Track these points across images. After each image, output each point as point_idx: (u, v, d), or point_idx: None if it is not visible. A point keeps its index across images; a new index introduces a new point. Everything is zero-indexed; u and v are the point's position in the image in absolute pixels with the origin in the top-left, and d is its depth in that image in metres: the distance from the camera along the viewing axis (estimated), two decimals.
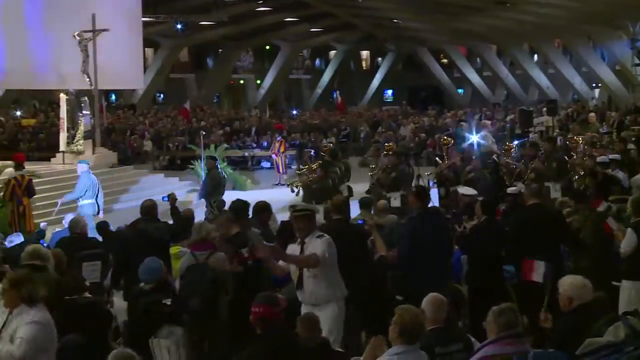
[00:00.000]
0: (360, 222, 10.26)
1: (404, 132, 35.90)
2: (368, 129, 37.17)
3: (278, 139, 28.34)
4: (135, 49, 28.90)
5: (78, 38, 24.32)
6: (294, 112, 47.73)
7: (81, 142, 24.13)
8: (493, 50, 52.42)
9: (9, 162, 19.60)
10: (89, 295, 8.79)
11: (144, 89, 44.79)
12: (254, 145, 34.01)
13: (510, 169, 16.15)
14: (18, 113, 39.45)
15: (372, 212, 12.77)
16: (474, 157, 16.49)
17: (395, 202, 15.22)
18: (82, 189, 17.00)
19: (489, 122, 27.18)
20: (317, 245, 8.13)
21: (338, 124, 38.86)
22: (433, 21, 45.31)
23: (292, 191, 16.86)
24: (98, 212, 17.15)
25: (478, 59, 56.80)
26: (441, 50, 55.65)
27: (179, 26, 43.82)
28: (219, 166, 17.12)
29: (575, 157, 16.57)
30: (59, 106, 26.24)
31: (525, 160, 16.10)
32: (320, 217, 10.46)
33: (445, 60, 57.38)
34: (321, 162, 17.25)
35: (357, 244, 9.26)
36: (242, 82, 58.05)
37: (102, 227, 12.90)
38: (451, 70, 56.59)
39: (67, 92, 24.57)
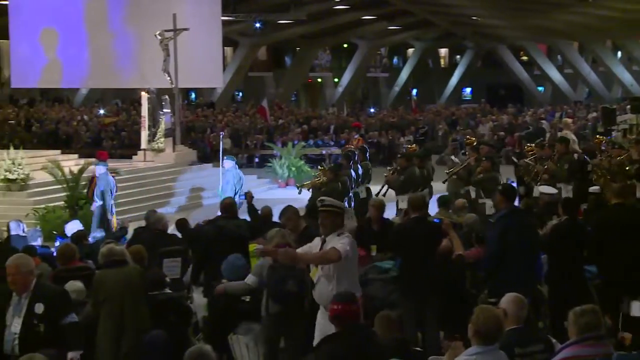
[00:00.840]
0: (436, 220, 10.18)
1: (482, 130, 35.53)
2: (446, 127, 36.89)
3: (355, 137, 28.33)
4: (214, 48, 29.22)
5: (159, 37, 24.67)
6: (372, 110, 47.64)
7: (162, 140, 24.48)
8: (574, 47, 51.50)
9: (92, 160, 20.01)
10: (170, 291, 8.93)
11: (223, 87, 45.21)
12: (332, 143, 34.06)
13: (528, 169, 16.03)
14: (101, 111, 40.22)
15: (450, 210, 12.69)
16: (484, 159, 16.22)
17: (403, 205, 14.94)
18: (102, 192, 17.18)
19: (570, 121, 26.69)
20: (337, 242, 7.73)
21: (416, 122, 38.66)
22: (513, 18, 44.73)
23: (299, 192, 16.96)
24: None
25: (559, 56, 55.87)
26: (521, 48, 54.90)
27: (257, 25, 44.10)
28: (236, 166, 17.18)
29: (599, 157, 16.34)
30: (140, 104, 26.68)
31: (541, 160, 15.97)
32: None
33: (525, 58, 56.59)
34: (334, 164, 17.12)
35: (432, 243, 9.18)
36: (319, 80, 58.16)
37: (181, 224, 13.05)
38: (531, 67, 55.78)
39: (148, 91, 24.95)
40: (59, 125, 35.66)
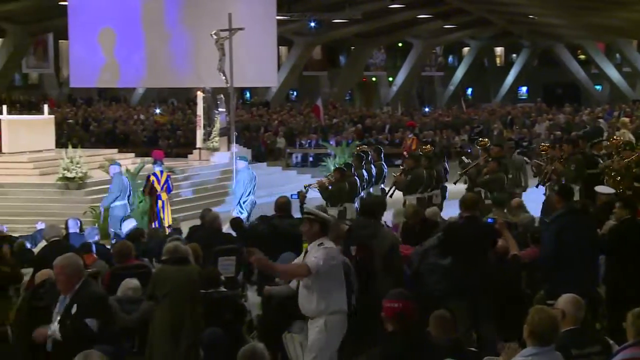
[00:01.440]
0: (490, 220, 10.09)
1: (538, 129, 35.18)
2: (501, 127, 36.58)
3: (410, 136, 28.22)
4: (269, 47, 29.33)
5: (215, 37, 24.81)
6: (426, 109, 47.42)
7: (217, 139, 24.64)
8: (633, 45, 50.69)
9: (148, 159, 20.23)
10: (224, 290, 8.99)
11: (278, 86, 45.37)
12: (386, 142, 33.99)
13: (540, 169, 16.01)
14: (157, 111, 40.65)
15: (505, 210, 12.58)
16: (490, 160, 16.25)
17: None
18: (116, 191, 17.27)
19: (627, 120, 26.25)
20: (312, 254, 7.59)
21: (470, 122, 38.40)
22: (571, 16, 44.17)
23: (306, 192, 16.94)
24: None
25: (617, 55, 55.05)
26: (578, 46, 54.21)
27: (312, 24, 44.17)
28: (248, 166, 17.14)
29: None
30: (196, 104, 26.89)
31: (553, 160, 15.95)
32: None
33: (582, 56, 55.87)
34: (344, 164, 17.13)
35: (484, 242, 9.11)
36: (374, 79, 58.08)
37: (236, 222, 13.13)
38: (589, 66, 55.05)
39: (203, 90, 25.14)
40: (116, 125, 36.12)
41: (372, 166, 16.86)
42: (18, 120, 25.18)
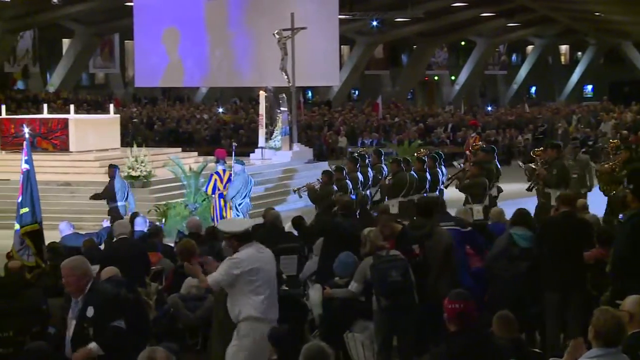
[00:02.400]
0: None
1: (604, 128, 34.62)
2: (566, 125, 36.09)
3: (472, 135, 27.98)
4: (331, 47, 29.39)
5: (277, 36, 24.93)
6: (489, 108, 47.01)
7: (279, 138, 24.74)
8: None
9: (211, 157, 20.39)
10: (286, 288, 9.03)
11: (339, 85, 45.42)
12: (448, 141, 33.77)
13: (533, 173, 15.86)
14: (220, 110, 40.96)
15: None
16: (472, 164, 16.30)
17: (394, 209, 15.33)
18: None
19: None
20: (221, 266, 7.68)
21: (534, 120, 37.96)
22: (638, 13, 43.37)
23: (300, 197, 16.89)
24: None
25: None
26: None
27: (374, 23, 44.10)
28: (244, 170, 17.14)
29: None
30: (258, 103, 27.03)
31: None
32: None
33: None
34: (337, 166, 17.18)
35: (578, 238, 9.18)
36: (436, 78, 57.78)
37: (297, 221, 13.16)
38: None
39: (266, 89, 25.25)
40: (180, 124, 36.49)
41: (369, 169, 16.91)
42: (85, 119, 25.60)
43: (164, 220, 17.90)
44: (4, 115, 23.42)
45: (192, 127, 35.79)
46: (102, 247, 12.44)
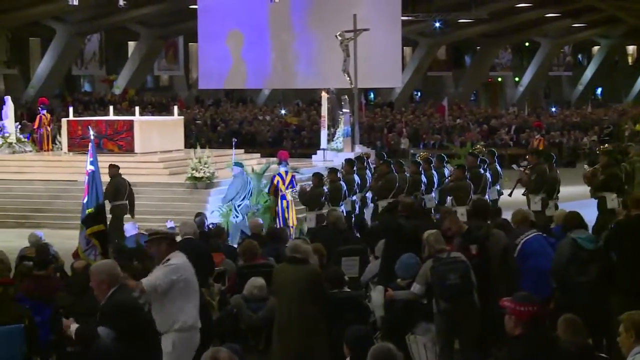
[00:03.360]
0: None
1: None
2: (633, 127, 35.47)
3: (537, 137, 27.68)
4: (394, 48, 29.33)
5: (339, 38, 24.95)
6: (554, 109, 46.45)
7: (341, 139, 24.75)
8: None
9: (274, 159, 20.49)
10: (348, 290, 9.02)
11: (402, 87, 45.29)
12: (511, 143, 33.44)
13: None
14: (282, 111, 41.14)
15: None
16: (455, 167, 16.66)
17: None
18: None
19: None
20: (154, 271, 7.50)
21: (600, 122, 37.38)
22: None
23: (292, 198, 16.94)
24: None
25: None
26: None
27: (437, 24, 43.88)
28: (244, 172, 17.02)
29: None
30: (320, 105, 27.09)
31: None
32: None
33: None
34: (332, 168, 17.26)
35: None
36: (499, 79, 57.25)
37: (359, 222, 13.16)
38: None
39: (328, 91, 25.29)
40: (242, 125, 36.75)
41: (367, 172, 16.94)
42: (149, 121, 25.92)
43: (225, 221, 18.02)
44: (71, 117, 23.84)
45: (254, 129, 36.02)
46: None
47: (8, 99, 24.64)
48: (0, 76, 42.95)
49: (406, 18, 36.05)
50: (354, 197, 16.74)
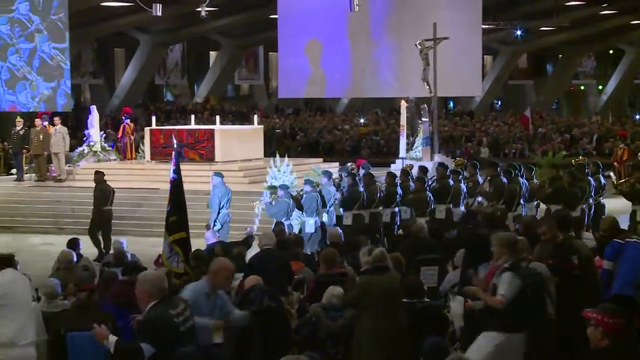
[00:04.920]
0: None
1: None
2: None
3: (621, 146, 27.14)
4: (474, 57, 29.10)
5: (419, 47, 24.87)
6: (638, 117, 45.50)
7: (420, 148, 24.65)
8: None
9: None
10: (427, 300, 8.97)
11: (482, 96, 44.91)
12: (594, 152, 32.83)
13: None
14: (361, 120, 41.16)
15: None
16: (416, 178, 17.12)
17: (347, 221, 16.24)
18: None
19: None
20: None
21: None
22: None
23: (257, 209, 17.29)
24: None
25: None
26: None
27: (518, 32, 43.41)
28: (223, 181, 16.83)
29: None
30: (399, 113, 27.02)
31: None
32: None
33: None
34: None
35: None
36: (582, 87, 56.33)
37: (439, 232, 13.07)
38: None
39: (407, 100, 25.22)
40: (321, 134, 36.88)
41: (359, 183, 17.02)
42: (230, 130, 26.21)
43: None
44: (153, 126, 24.27)
45: (333, 138, 36.11)
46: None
47: (93, 109, 25.21)
48: (86, 86, 44.02)
49: (487, 26, 35.76)
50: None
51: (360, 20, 28.77)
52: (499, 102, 55.25)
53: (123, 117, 25.41)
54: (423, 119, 24.66)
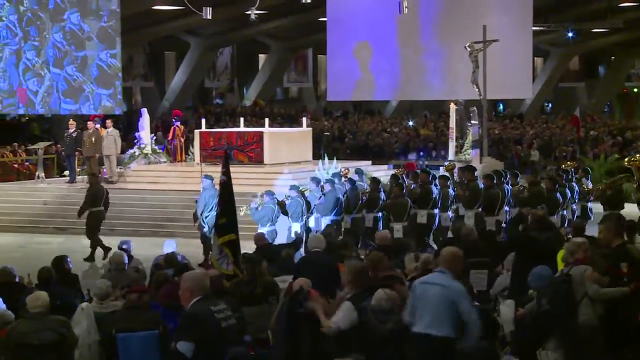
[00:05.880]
0: None
1: None
2: None
3: None
4: (524, 59, 28.90)
5: (469, 49, 24.77)
6: None
7: (469, 151, 24.53)
8: None
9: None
10: (477, 303, 8.92)
11: (532, 98, 44.52)
12: None
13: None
14: (410, 123, 41.04)
15: None
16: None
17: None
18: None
19: None
20: None
21: None
22: None
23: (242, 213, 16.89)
24: None
25: None
26: None
27: (570, 34, 42.95)
28: (212, 183, 16.66)
29: None
30: (448, 116, 26.93)
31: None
32: None
33: None
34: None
35: None
36: (635, 90, 55.56)
37: (489, 235, 13.00)
38: None
39: (456, 102, 25.12)
40: (370, 137, 36.83)
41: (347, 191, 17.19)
42: (279, 132, 26.30)
43: None
44: (203, 129, 24.45)
45: (382, 140, 36.04)
46: None
47: (144, 111, 25.48)
48: (137, 89, 44.48)
49: (537, 28, 35.44)
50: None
51: (410, 23, 28.71)
52: (550, 105, 54.70)
53: (173, 120, 25.63)
54: (472, 122, 24.54)
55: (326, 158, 21.96)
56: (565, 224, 16.53)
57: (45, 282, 9.98)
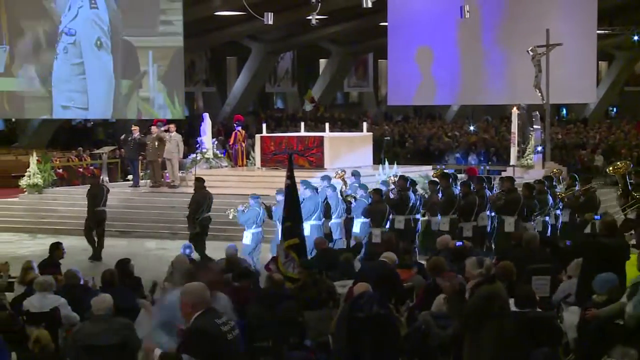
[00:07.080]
0: None
1: None
2: None
3: None
4: (588, 63, 28.51)
5: (531, 53, 24.52)
6: None
7: (531, 156, 24.28)
8: None
9: (462, 175, 20.35)
10: (539, 310, 8.83)
11: (596, 102, 43.90)
12: None
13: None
14: (471, 127, 40.75)
15: None
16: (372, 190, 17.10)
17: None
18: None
19: None
20: None
21: None
22: None
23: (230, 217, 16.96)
24: None
25: None
26: None
27: (635, 38, 42.25)
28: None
29: None
30: (510, 121, 26.69)
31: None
32: None
33: None
34: None
35: None
36: None
37: (551, 241, 12.84)
38: None
39: (519, 107, 24.89)
40: (431, 141, 36.66)
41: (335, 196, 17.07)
42: (339, 137, 26.34)
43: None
44: (264, 133, 24.58)
45: (443, 145, 35.83)
46: None
47: (206, 116, 25.72)
48: (199, 94, 44.94)
49: (602, 32, 34.95)
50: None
51: (471, 27, 28.52)
52: (615, 109, 53.87)
53: (235, 125, 25.82)
54: (535, 127, 24.29)
55: (386, 162, 21.90)
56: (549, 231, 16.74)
57: (109, 284, 10.13)
